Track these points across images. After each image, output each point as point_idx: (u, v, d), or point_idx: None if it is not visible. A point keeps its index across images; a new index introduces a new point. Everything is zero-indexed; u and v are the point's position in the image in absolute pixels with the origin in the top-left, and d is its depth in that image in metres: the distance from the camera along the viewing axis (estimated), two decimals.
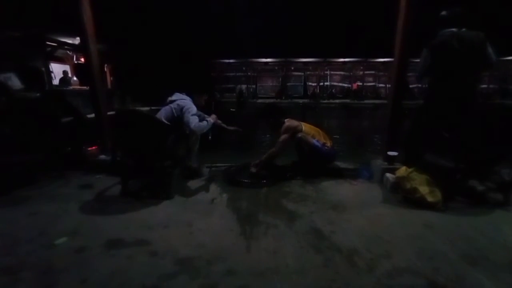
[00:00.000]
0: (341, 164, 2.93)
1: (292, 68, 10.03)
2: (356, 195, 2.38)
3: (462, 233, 1.76)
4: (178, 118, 2.41)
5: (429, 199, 2.03)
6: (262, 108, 3.05)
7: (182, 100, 2.48)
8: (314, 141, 2.67)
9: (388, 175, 2.45)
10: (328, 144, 2.75)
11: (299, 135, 2.65)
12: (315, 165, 2.76)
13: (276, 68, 9.84)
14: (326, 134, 2.86)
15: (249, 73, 8.84)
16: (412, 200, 2.10)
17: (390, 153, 2.55)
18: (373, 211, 2.07)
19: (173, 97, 2.53)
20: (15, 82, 3.22)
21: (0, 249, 1.57)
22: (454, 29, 2.22)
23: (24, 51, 3.56)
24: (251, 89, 8.74)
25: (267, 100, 7.49)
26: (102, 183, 2.59)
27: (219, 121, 2.70)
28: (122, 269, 1.40)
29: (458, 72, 2.23)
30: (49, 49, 4.93)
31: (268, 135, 2.83)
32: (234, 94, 8.31)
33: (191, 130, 2.39)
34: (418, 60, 2.36)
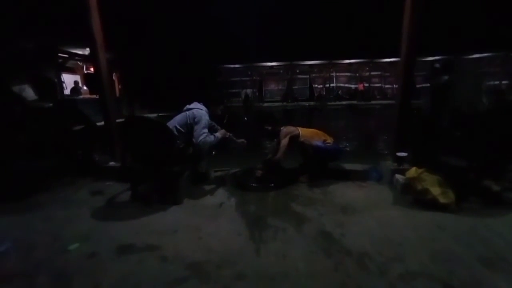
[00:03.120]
0: (349, 166, 2.90)
1: (298, 71, 10.01)
2: (366, 197, 2.34)
3: (477, 234, 1.71)
4: (191, 125, 2.42)
5: (442, 200, 1.98)
6: (258, 118, 3.11)
7: (198, 109, 2.50)
8: (316, 142, 2.67)
9: (398, 176, 2.40)
10: (329, 141, 2.75)
11: (301, 139, 2.67)
12: (322, 165, 2.74)
13: (281, 71, 9.84)
14: (324, 133, 2.87)
15: (254, 77, 8.87)
16: (423, 202, 2.06)
17: (399, 154, 2.51)
18: (383, 213, 2.03)
19: (191, 105, 2.56)
20: (29, 93, 3.34)
21: (17, 253, 1.62)
22: (446, 77, 2.58)
23: (37, 62, 3.69)
24: (257, 93, 8.78)
25: (274, 104, 7.48)
26: (112, 189, 2.64)
27: (229, 134, 2.70)
28: (133, 274, 1.42)
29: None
30: (60, 60, 5.07)
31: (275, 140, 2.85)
32: (240, 98, 8.37)
33: (197, 143, 2.37)
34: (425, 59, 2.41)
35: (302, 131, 2.78)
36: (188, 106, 2.58)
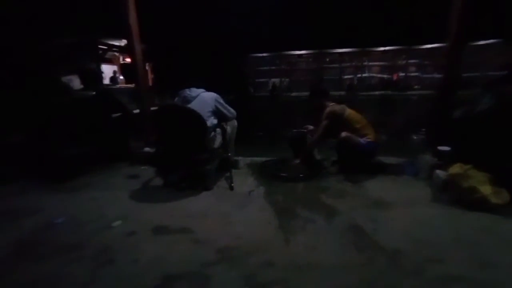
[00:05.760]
0: (383, 159, 2.75)
1: (327, 59, 9.57)
2: (400, 192, 2.21)
3: None
4: (217, 108, 2.41)
5: (494, 200, 1.79)
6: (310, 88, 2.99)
7: (210, 92, 2.48)
8: (360, 139, 2.48)
9: (438, 172, 2.23)
10: (371, 136, 2.56)
11: (343, 135, 2.46)
12: (355, 162, 2.62)
13: (311, 60, 9.50)
14: (369, 124, 2.68)
15: (282, 67, 8.67)
16: (468, 201, 1.89)
17: (441, 148, 2.32)
18: (420, 211, 1.91)
19: (196, 91, 2.43)
20: (76, 83, 3.62)
21: (69, 228, 1.81)
22: None
23: (81, 55, 3.97)
24: (285, 83, 8.61)
25: (302, 94, 7.30)
26: (147, 174, 2.80)
27: None
28: (169, 253, 1.51)
29: None
30: (100, 52, 5.36)
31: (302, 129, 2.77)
32: (268, 88, 8.27)
33: (232, 116, 2.54)
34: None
35: (349, 113, 2.60)
36: (190, 93, 2.42)
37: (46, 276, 1.37)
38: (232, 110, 2.57)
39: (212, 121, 2.37)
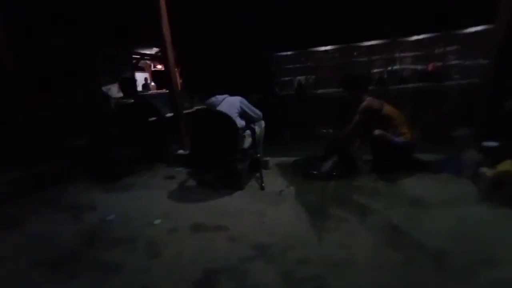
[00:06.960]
0: (420, 156, 2.61)
1: (355, 53, 9.21)
2: (440, 191, 2.09)
3: None
4: (243, 110, 2.49)
5: None
6: (344, 77, 2.91)
7: (233, 97, 2.56)
8: (395, 138, 2.37)
9: (484, 169, 2.06)
10: (408, 136, 2.42)
11: (376, 133, 2.36)
12: (389, 161, 2.51)
13: (337, 55, 9.21)
14: (407, 122, 2.53)
15: (308, 64, 8.54)
16: None
17: (487, 143, 2.13)
18: (465, 210, 1.79)
19: (221, 96, 2.55)
20: (114, 91, 3.96)
21: (121, 224, 2.00)
22: None
23: (119, 65, 4.32)
24: (310, 80, 8.47)
25: (329, 91, 7.13)
26: (182, 175, 2.96)
27: None
28: (208, 249, 1.60)
29: None
30: (134, 61, 5.75)
31: (330, 130, 2.71)
32: (294, 86, 8.22)
33: (258, 117, 2.58)
34: None
35: (387, 110, 2.46)
36: (215, 99, 2.52)
37: (110, 263, 1.54)
38: (257, 111, 2.61)
39: (240, 122, 2.44)
